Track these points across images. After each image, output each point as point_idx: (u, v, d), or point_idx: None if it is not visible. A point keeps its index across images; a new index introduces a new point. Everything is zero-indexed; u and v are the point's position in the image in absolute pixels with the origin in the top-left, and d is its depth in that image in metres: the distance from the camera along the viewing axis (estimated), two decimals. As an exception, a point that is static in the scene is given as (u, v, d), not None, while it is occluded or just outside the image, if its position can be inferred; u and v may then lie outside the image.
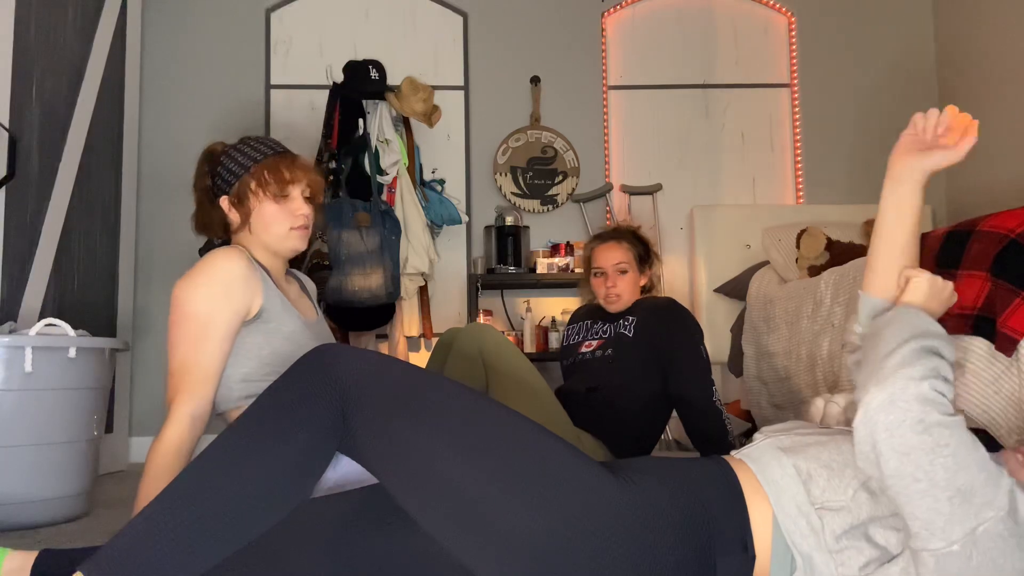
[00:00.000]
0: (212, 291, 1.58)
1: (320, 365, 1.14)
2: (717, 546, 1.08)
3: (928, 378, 1.01)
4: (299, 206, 1.73)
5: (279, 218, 1.71)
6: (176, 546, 1.04)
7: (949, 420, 0.99)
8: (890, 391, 1.00)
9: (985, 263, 1.94)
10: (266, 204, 1.71)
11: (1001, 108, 3.77)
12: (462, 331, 2.18)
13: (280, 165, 1.71)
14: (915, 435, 0.98)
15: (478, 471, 1.07)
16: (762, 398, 3.32)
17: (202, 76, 4.04)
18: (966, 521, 0.98)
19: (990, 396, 1.94)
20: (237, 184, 1.71)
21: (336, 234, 3.15)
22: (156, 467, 1.50)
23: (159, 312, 3.85)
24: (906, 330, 1.10)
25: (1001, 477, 1.00)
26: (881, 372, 1.03)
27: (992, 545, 0.97)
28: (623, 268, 2.40)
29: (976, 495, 0.98)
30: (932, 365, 1.03)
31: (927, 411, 0.99)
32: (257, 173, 1.70)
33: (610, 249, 2.43)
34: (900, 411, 0.99)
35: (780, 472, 1.12)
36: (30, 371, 2.15)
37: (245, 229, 1.73)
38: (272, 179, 1.70)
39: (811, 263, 3.19)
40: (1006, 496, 0.99)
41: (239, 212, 1.72)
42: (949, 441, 0.98)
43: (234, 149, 1.75)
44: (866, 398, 1.02)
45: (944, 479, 0.98)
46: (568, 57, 4.18)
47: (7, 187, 2.64)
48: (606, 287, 2.39)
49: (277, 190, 1.70)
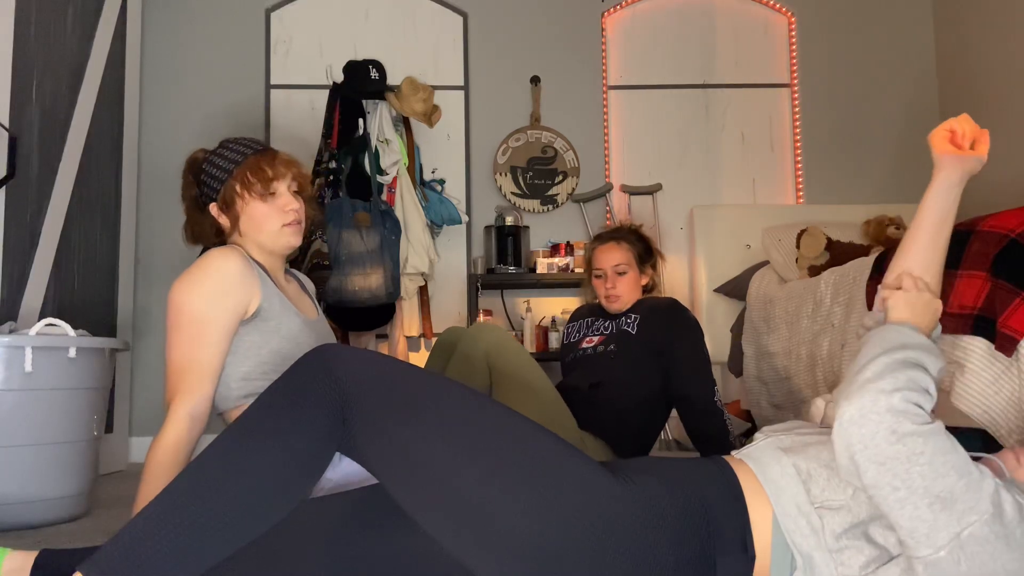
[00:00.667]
0: (209, 290, 1.58)
1: (320, 365, 1.14)
2: (717, 546, 1.08)
3: (901, 390, 1.03)
4: (287, 202, 1.72)
5: (269, 216, 1.71)
6: (176, 546, 1.04)
7: (923, 429, 1.01)
8: (859, 404, 1.03)
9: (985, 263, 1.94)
10: (254, 204, 1.70)
11: (1001, 108, 3.77)
12: (467, 330, 2.18)
13: (262, 163, 1.71)
14: (889, 445, 1.00)
15: (478, 471, 1.07)
16: (762, 398, 3.32)
17: (202, 76, 4.04)
18: (949, 527, 0.98)
19: (990, 396, 1.94)
20: (223, 189, 1.71)
21: (336, 234, 3.15)
22: (155, 467, 1.50)
23: (159, 312, 3.85)
24: (882, 344, 1.12)
25: (983, 480, 1.01)
26: (852, 386, 1.06)
27: (979, 549, 0.98)
28: (622, 269, 2.41)
29: (957, 501, 0.99)
30: (907, 376, 1.05)
31: (899, 422, 1.01)
32: (240, 175, 1.70)
33: (609, 250, 2.44)
34: (872, 423, 1.01)
35: (780, 472, 1.12)
36: (30, 371, 2.15)
37: (236, 233, 1.73)
38: (256, 179, 1.69)
39: (811, 263, 3.19)
40: (988, 500, 1.00)
41: (228, 216, 1.72)
42: (924, 449, 0.99)
43: (214, 155, 1.75)
44: (838, 412, 1.04)
45: (922, 487, 0.99)
46: (568, 57, 4.18)
47: (7, 187, 2.64)
48: (606, 288, 2.40)
49: (262, 189, 1.70)
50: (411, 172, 3.51)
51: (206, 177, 1.74)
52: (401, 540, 1.20)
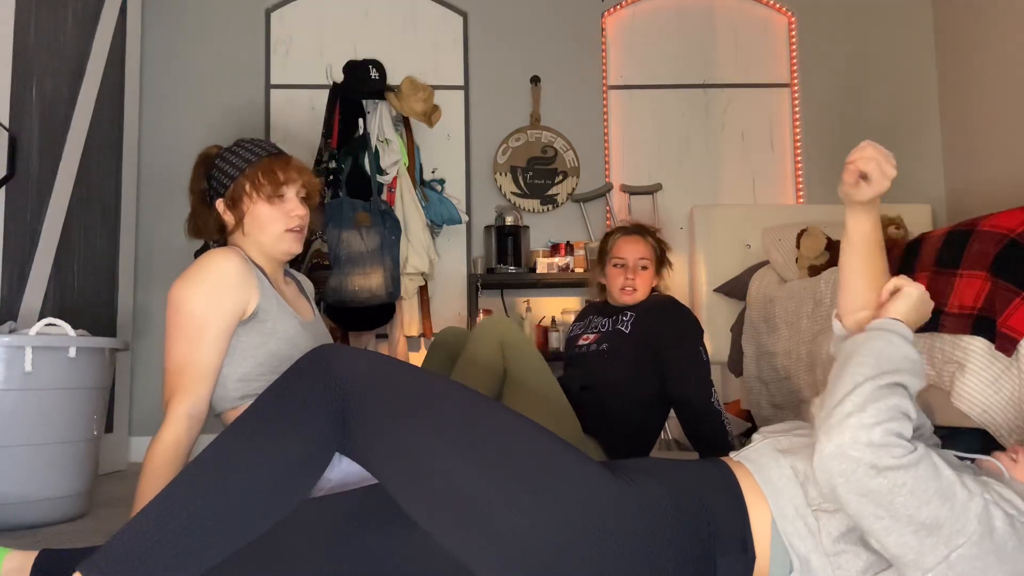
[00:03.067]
0: (207, 291, 1.59)
1: (320, 366, 1.15)
2: (717, 546, 1.08)
3: (882, 422, 1.01)
4: (294, 207, 1.73)
5: (274, 219, 1.71)
6: (175, 546, 1.04)
7: (905, 461, 0.99)
8: (838, 441, 1.01)
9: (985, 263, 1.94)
10: (260, 206, 1.71)
11: (1001, 108, 3.77)
12: (481, 322, 2.16)
13: (274, 166, 1.72)
14: (870, 479, 0.99)
15: (478, 471, 1.07)
16: (762, 398, 3.32)
17: (202, 76, 4.04)
18: (936, 551, 0.98)
19: (990, 396, 1.94)
20: (232, 186, 1.72)
21: (336, 234, 3.15)
22: (154, 466, 1.50)
23: (159, 312, 3.85)
24: (869, 365, 1.09)
25: (970, 501, 1.00)
26: (831, 419, 1.04)
27: (969, 567, 0.98)
28: (644, 264, 2.41)
29: (943, 526, 0.98)
30: (890, 404, 1.03)
31: (879, 456, 0.99)
32: (251, 175, 1.71)
33: (635, 242, 2.43)
34: (851, 460, 1.00)
35: (778, 474, 1.12)
36: (30, 371, 2.15)
37: (239, 231, 1.73)
38: (266, 180, 1.70)
39: (811, 263, 3.19)
40: (976, 520, 0.99)
41: (233, 214, 1.73)
42: (905, 480, 0.99)
43: (228, 152, 1.76)
44: (818, 446, 1.03)
45: (906, 516, 0.99)
46: (568, 57, 4.18)
47: (7, 187, 2.64)
48: (624, 277, 2.39)
49: (271, 191, 1.71)
50: (411, 172, 3.51)
51: (217, 172, 1.74)
52: (401, 540, 1.20)
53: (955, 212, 4.11)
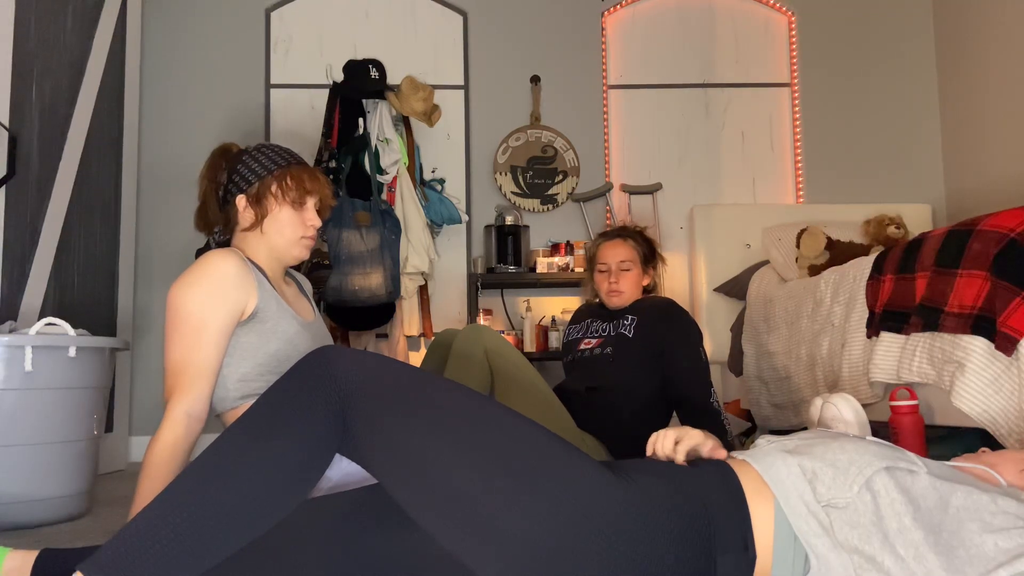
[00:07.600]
0: (205, 291, 1.60)
1: (320, 367, 1.15)
2: (717, 545, 1.08)
3: None
4: (311, 217, 1.79)
5: (294, 224, 1.76)
6: (176, 546, 1.04)
7: None
8: None
9: (985, 263, 1.95)
10: (284, 209, 1.76)
11: (1001, 108, 3.77)
12: (461, 332, 2.20)
13: (303, 175, 1.78)
14: None
15: (478, 471, 1.07)
16: (762, 397, 3.32)
17: (202, 76, 4.04)
18: None
19: (990, 396, 1.94)
20: (258, 184, 1.75)
21: (336, 233, 3.15)
22: (153, 466, 1.51)
23: (159, 311, 3.85)
24: None
25: None
26: None
27: None
28: (626, 266, 2.44)
29: None
30: None
31: None
32: (280, 176, 1.75)
33: (615, 246, 2.47)
34: None
35: (786, 471, 1.12)
36: (30, 370, 2.15)
37: (256, 229, 1.76)
38: (294, 186, 1.76)
39: (811, 262, 3.19)
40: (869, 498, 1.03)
41: (255, 211, 1.75)
42: None
43: (257, 151, 1.80)
44: None
45: None
46: (568, 56, 4.18)
47: (7, 187, 2.64)
48: (608, 282, 2.43)
49: (296, 197, 1.76)
50: (411, 171, 3.51)
51: (243, 168, 1.77)
52: (401, 540, 1.20)
53: (955, 212, 4.11)
